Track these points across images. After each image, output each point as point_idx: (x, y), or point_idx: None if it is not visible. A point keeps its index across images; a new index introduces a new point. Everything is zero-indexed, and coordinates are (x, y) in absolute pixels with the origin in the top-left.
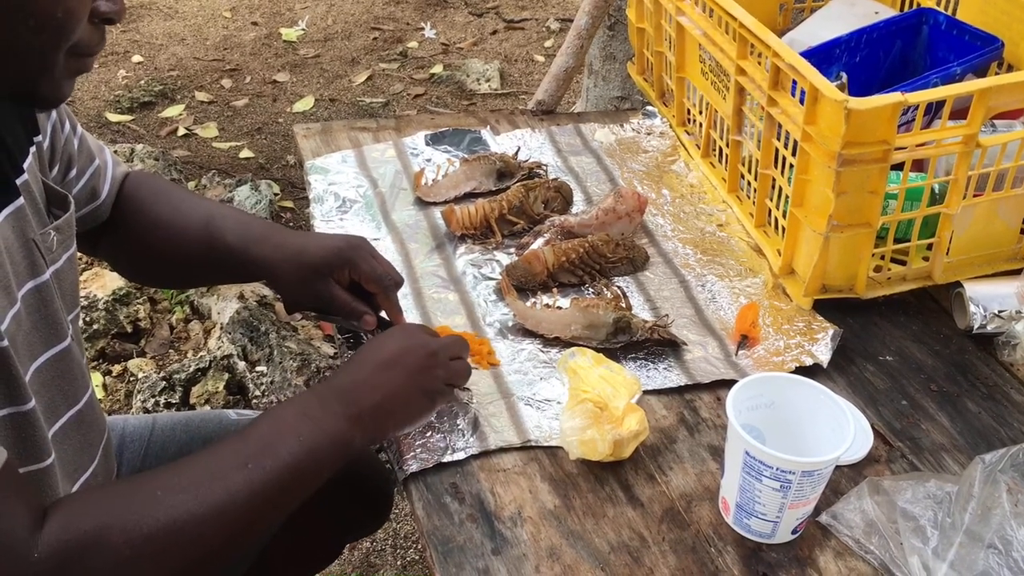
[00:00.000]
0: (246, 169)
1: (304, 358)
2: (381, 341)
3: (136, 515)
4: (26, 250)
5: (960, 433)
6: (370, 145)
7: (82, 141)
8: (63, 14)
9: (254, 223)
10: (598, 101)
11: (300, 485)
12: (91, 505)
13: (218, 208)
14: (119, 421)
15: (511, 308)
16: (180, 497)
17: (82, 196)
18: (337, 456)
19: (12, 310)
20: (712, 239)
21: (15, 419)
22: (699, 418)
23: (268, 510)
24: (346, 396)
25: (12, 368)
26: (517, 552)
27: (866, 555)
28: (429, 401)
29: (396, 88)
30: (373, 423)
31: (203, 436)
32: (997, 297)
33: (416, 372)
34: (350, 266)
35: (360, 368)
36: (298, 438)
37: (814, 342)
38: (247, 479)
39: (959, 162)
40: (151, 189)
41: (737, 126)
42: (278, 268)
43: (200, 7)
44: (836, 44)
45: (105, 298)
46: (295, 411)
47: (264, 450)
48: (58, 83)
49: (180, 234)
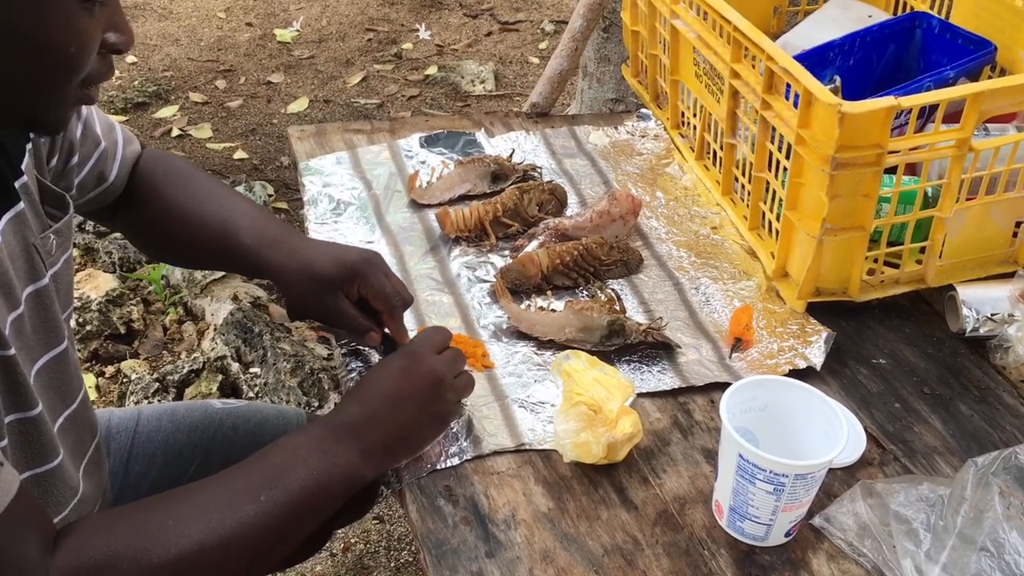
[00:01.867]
0: (240, 170)
1: (298, 360)
2: (388, 370)
3: (146, 544)
4: (27, 255)
5: (953, 436)
6: (364, 147)
7: (86, 126)
8: (76, 49)
9: (270, 225)
10: (592, 103)
11: (310, 517)
12: (102, 532)
13: (237, 203)
14: (104, 414)
15: (505, 310)
16: (191, 527)
17: (88, 181)
18: (348, 489)
19: (14, 314)
20: (706, 242)
21: (23, 425)
22: (693, 421)
23: (277, 541)
24: (357, 430)
25: (19, 375)
26: (511, 555)
27: (859, 558)
28: (442, 424)
29: (390, 89)
30: (385, 454)
31: (188, 426)
32: (989, 300)
33: (427, 403)
34: (360, 281)
35: (369, 401)
36: (311, 472)
37: (807, 345)
38: (259, 511)
39: (952, 166)
40: (167, 171)
41: (731, 129)
42: (289, 275)
43: (194, 8)
44: (830, 47)
45: (98, 299)
46: (309, 444)
47: (276, 483)
48: (65, 112)
49: (197, 226)
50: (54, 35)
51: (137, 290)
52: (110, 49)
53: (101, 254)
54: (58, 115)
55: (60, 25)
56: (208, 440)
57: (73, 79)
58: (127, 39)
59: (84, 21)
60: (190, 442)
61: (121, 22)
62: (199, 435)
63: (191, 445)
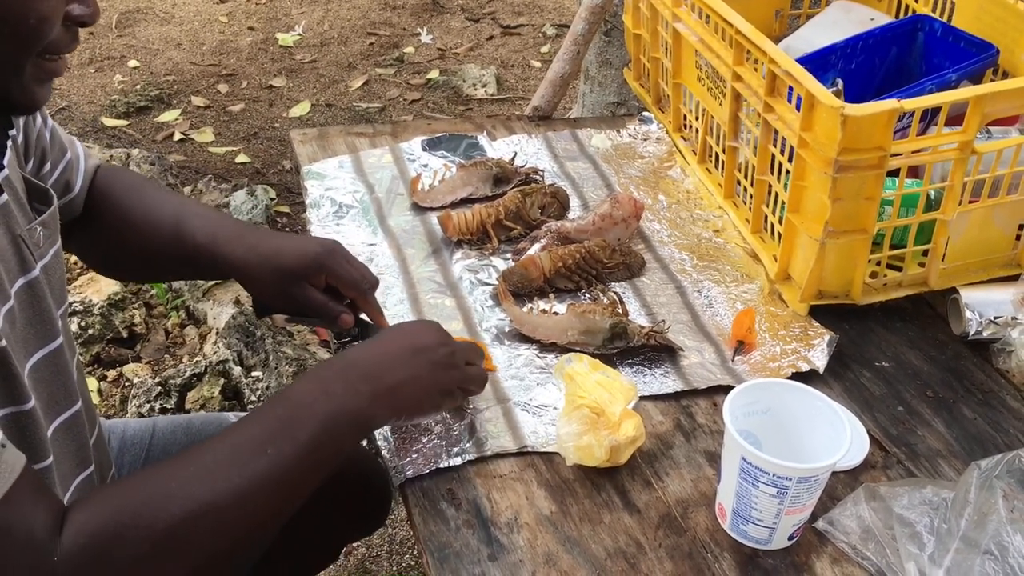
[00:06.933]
0: (242, 174)
1: (300, 363)
2: (408, 327)
3: (153, 511)
4: (14, 247)
5: (956, 439)
6: (367, 150)
7: (53, 134)
8: (36, 20)
9: (225, 222)
10: (594, 107)
11: (320, 466)
12: (108, 504)
13: (189, 206)
14: (119, 425)
15: (508, 313)
16: (197, 488)
17: (57, 189)
18: (357, 434)
19: (5, 307)
20: (708, 245)
21: (17, 419)
22: (695, 424)
23: (289, 494)
24: (370, 371)
25: (11, 367)
26: (514, 558)
27: (862, 561)
28: (440, 398)
29: (392, 93)
30: (392, 403)
31: (203, 439)
32: (992, 303)
33: (438, 366)
34: (326, 271)
35: (383, 348)
36: (318, 419)
37: (810, 348)
38: (268, 465)
39: (955, 168)
40: (122, 183)
41: (733, 132)
42: (251, 269)
43: (196, 12)
44: (832, 50)
45: (100, 303)
46: (315, 389)
47: (283, 434)
48: (30, 88)
49: (151, 232)
50: (12, 7)
51: (139, 294)
52: (74, 21)
53: None
54: (23, 91)
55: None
56: None
57: (31, 50)
58: (92, 11)
59: None
60: None
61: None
62: None
63: None
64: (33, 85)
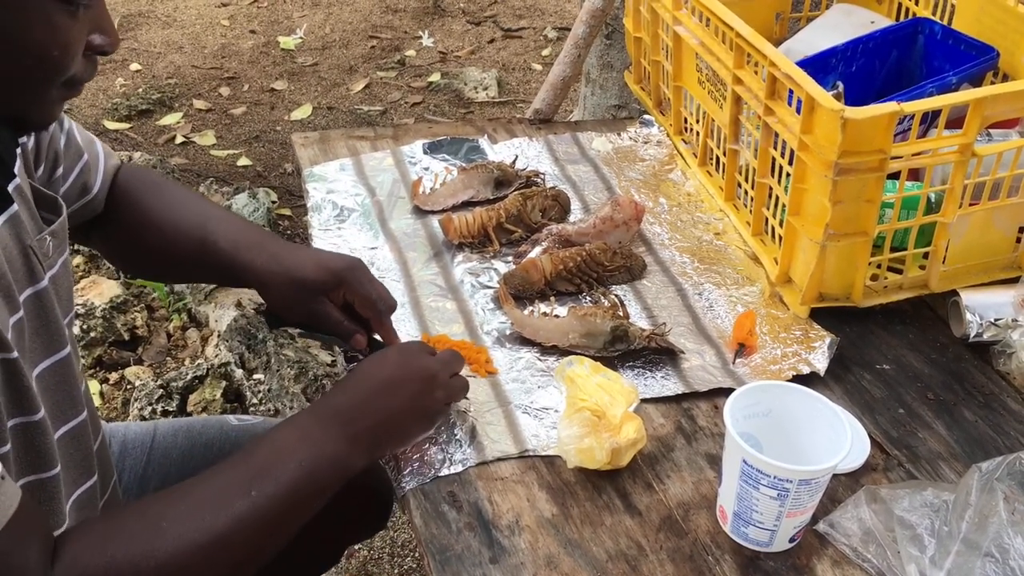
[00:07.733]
0: (244, 177)
1: (301, 366)
2: (380, 361)
3: (143, 547)
4: (24, 257)
5: (957, 441)
6: (368, 154)
7: (69, 137)
8: (59, 52)
9: (251, 230)
10: (595, 110)
11: (302, 508)
12: (98, 539)
13: (213, 210)
14: (120, 428)
15: (509, 316)
16: (186, 527)
17: (72, 193)
18: (337, 478)
19: (15, 317)
20: (709, 247)
21: (25, 429)
22: (696, 426)
23: (272, 535)
24: (345, 417)
25: (23, 378)
26: (515, 561)
27: (863, 563)
28: (428, 422)
29: (394, 96)
30: (372, 444)
31: (204, 442)
32: (993, 306)
33: (417, 396)
34: (346, 288)
35: (359, 388)
36: (299, 462)
37: (811, 350)
38: (251, 506)
39: (955, 171)
40: (144, 183)
41: (734, 135)
42: (271, 280)
43: (198, 15)
44: (832, 54)
45: (102, 306)
46: (295, 434)
47: (265, 476)
48: (49, 110)
49: (173, 234)
50: (37, 38)
51: (141, 297)
52: (95, 51)
53: (105, 260)
54: (43, 112)
55: (42, 28)
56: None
57: (55, 80)
58: (112, 41)
59: (67, 24)
60: (205, 460)
61: (106, 24)
62: (215, 453)
63: (207, 463)
64: (49, 107)
